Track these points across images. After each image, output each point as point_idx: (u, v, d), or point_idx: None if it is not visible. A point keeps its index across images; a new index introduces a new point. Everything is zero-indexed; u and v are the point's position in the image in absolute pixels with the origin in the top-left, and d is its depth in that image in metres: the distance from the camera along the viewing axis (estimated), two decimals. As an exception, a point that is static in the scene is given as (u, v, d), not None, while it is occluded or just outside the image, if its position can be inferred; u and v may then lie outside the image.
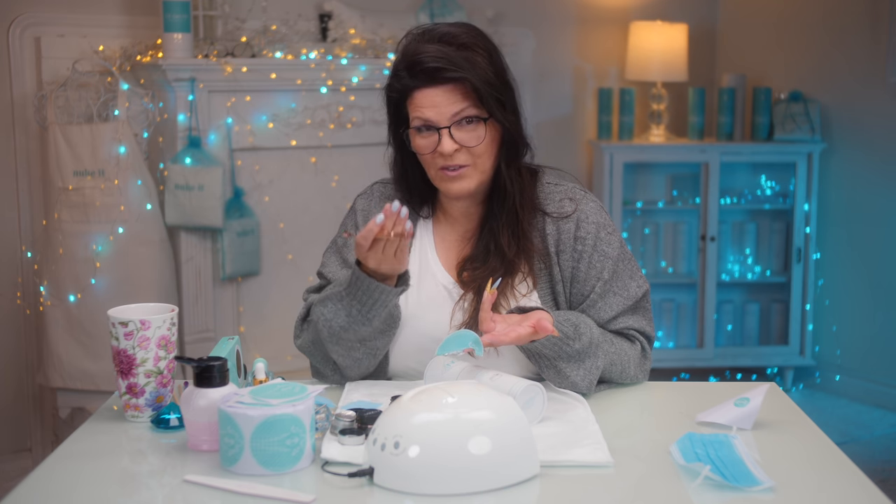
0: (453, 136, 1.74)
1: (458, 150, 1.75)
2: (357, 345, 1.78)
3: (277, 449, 1.40)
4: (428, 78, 1.74)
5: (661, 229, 4.46)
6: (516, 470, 1.38)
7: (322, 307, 1.78)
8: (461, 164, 1.76)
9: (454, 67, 1.73)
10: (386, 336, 1.79)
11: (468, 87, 1.74)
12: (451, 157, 1.75)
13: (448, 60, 1.73)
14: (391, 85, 1.80)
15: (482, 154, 1.77)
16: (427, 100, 1.74)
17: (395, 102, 1.81)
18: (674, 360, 4.38)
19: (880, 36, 4.09)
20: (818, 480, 1.42)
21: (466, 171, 1.77)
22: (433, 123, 1.75)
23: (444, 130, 1.74)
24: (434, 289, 1.84)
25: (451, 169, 1.76)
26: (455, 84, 1.74)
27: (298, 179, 3.68)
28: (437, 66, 1.72)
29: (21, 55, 3.42)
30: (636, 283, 1.84)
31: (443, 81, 1.73)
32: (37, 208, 3.49)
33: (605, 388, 1.82)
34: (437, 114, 1.74)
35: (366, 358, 1.80)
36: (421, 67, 1.73)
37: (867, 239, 4.22)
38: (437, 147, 1.75)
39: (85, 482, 1.42)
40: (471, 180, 1.78)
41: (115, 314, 1.63)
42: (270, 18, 3.71)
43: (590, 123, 4.54)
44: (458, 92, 1.74)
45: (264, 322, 3.66)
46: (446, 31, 1.77)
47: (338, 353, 1.80)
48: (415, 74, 1.74)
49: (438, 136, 1.75)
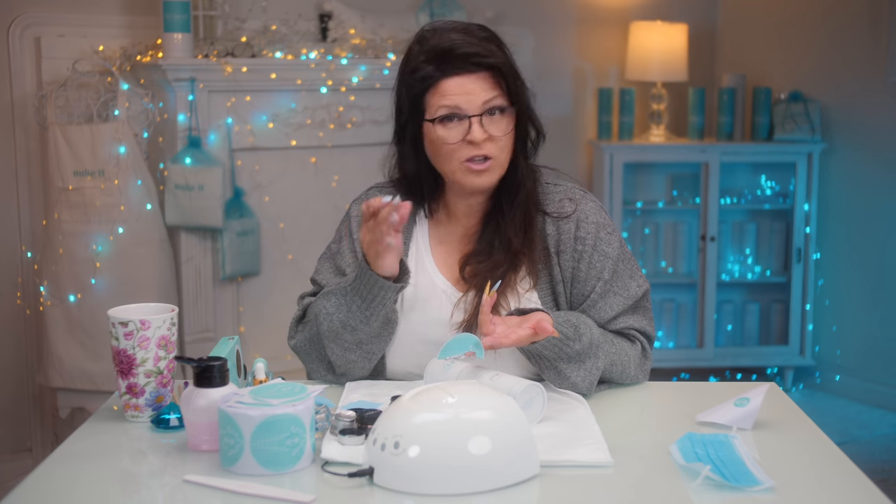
0: (483, 125, 1.74)
1: (487, 139, 1.75)
2: (353, 346, 1.78)
3: (277, 449, 1.40)
4: (459, 65, 1.73)
5: (661, 229, 4.46)
6: (516, 470, 1.38)
7: (325, 300, 1.78)
8: (487, 156, 1.75)
9: (488, 54, 1.73)
10: (382, 340, 1.79)
11: (497, 76, 1.74)
12: (480, 147, 1.74)
13: (482, 49, 1.73)
14: (413, 75, 1.76)
15: (505, 147, 1.77)
16: (457, 87, 1.73)
17: (414, 95, 1.77)
18: (674, 360, 4.38)
19: (880, 36, 4.09)
20: (818, 480, 1.42)
21: (491, 164, 1.76)
22: (462, 112, 1.73)
23: (474, 118, 1.73)
24: (430, 292, 1.84)
25: (476, 161, 1.75)
26: (486, 72, 1.73)
27: (298, 179, 3.68)
28: (472, 51, 1.72)
29: (21, 55, 3.42)
30: (636, 283, 1.84)
31: (474, 69, 1.73)
32: (37, 208, 3.49)
33: (606, 388, 1.82)
34: (467, 101, 1.73)
35: (360, 360, 1.80)
36: (454, 54, 1.72)
37: (867, 239, 4.22)
38: (467, 135, 1.73)
39: (85, 482, 1.42)
40: (494, 174, 1.78)
41: (115, 314, 1.63)
42: (270, 18, 3.71)
43: (590, 123, 4.54)
44: (489, 80, 1.74)
45: (264, 322, 3.67)
46: (464, 25, 1.77)
47: (333, 351, 1.79)
48: (444, 62, 1.73)
49: (469, 124, 1.74)
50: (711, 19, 4.70)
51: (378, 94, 3.70)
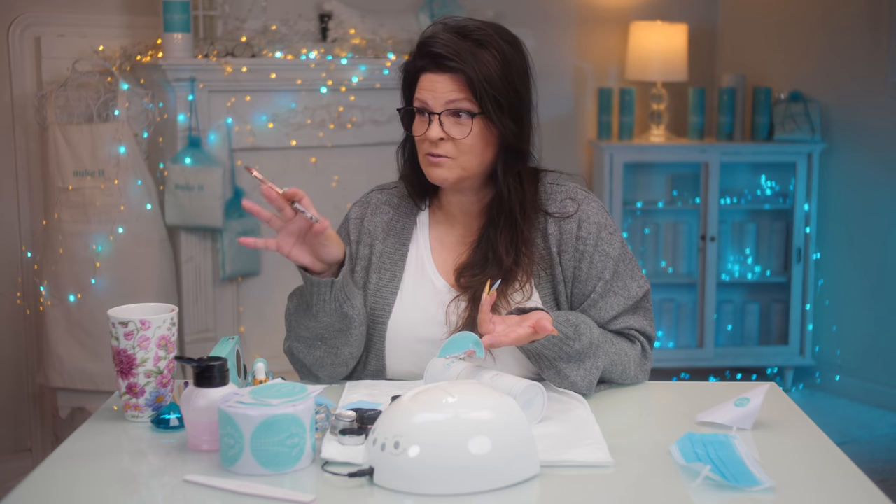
0: (442, 125, 1.76)
1: (445, 139, 1.76)
2: (316, 342, 1.81)
3: (277, 449, 1.40)
4: (432, 62, 1.76)
5: (661, 229, 4.46)
6: (516, 470, 1.38)
7: (290, 302, 1.85)
8: (444, 155, 1.77)
9: (455, 58, 1.74)
10: (345, 336, 1.80)
11: (467, 81, 1.75)
12: (436, 145, 1.77)
13: (453, 51, 1.75)
14: (406, 64, 1.83)
15: (468, 151, 1.78)
16: (428, 83, 1.77)
17: (407, 82, 1.83)
18: (674, 360, 4.38)
19: (880, 36, 4.09)
20: (818, 480, 1.42)
21: (448, 161, 1.78)
22: (428, 108, 1.77)
23: (434, 116, 1.77)
24: (430, 292, 1.84)
25: (433, 156, 1.78)
26: (455, 74, 1.75)
27: (298, 179, 3.67)
28: (440, 52, 1.75)
29: (21, 55, 3.42)
30: (637, 283, 1.84)
31: (444, 69, 1.76)
32: (37, 208, 3.49)
33: (606, 388, 1.82)
34: (433, 98, 1.76)
35: (327, 356, 1.81)
36: (428, 51, 1.77)
37: (867, 239, 4.22)
38: (426, 131, 1.77)
39: (85, 482, 1.42)
40: (450, 171, 1.79)
41: (115, 314, 1.63)
42: (270, 18, 3.71)
43: (590, 123, 4.54)
44: (457, 82, 1.75)
45: (264, 322, 3.66)
46: (467, 24, 1.79)
47: (299, 349, 1.83)
48: (423, 57, 1.78)
49: (429, 120, 1.77)
50: (711, 19, 4.70)
51: (378, 94, 3.70)
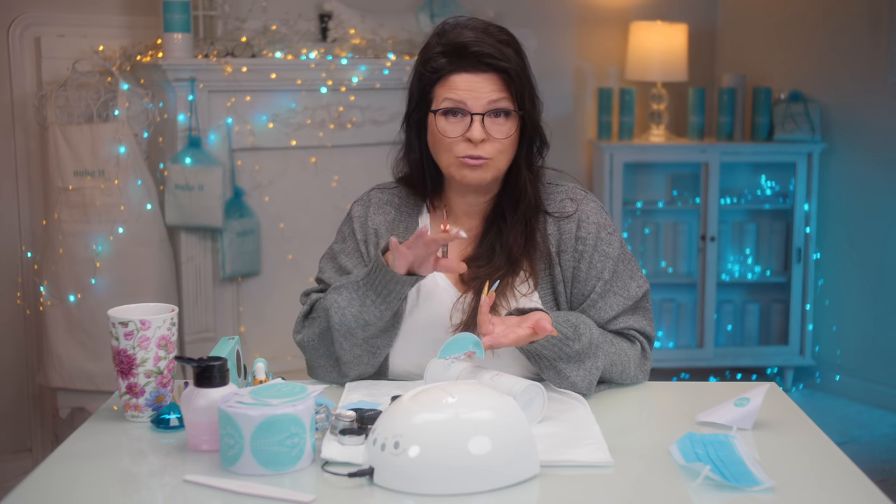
0: (484, 125, 1.75)
1: (486, 140, 1.75)
2: (361, 340, 1.78)
3: (277, 449, 1.40)
4: (471, 62, 1.74)
5: (661, 229, 4.46)
6: (516, 470, 1.38)
7: (336, 294, 1.78)
8: (484, 156, 1.76)
9: (502, 56, 1.74)
10: (388, 335, 1.80)
11: (507, 80, 1.75)
12: (477, 147, 1.75)
13: (494, 48, 1.74)
14: (426, 66, 1.79)
15: (505, 150, 1.78)
16: (466, 83, 1.75)
17: (424, 85, 1.79)
18: (674, 360, 4.37)
19: (880, 36, 4.09)
20: (818, 480, 1.42)
21: (486, 163, 1.77)
22: (467, 108, 1.75)
23: (477, 117, 1.74)
24: (432, 291, 1.84)
25: (473, 158, 1.76)
26: (497, 74, 1.75)
27: (298, 179, 3.68)
28: (485, 51, 1.74)
29: (21, 55, 3.42)
30: (636, 283, 1.84)
31: (485, 69, 1.74)
32: (37, 208, 3.49)
33: (605, 388, 1.82)
34: (473, 98, 1.74)
35: (366, 356, 1.80)
36: (468, 51, 1.74)
37: (867, 239, 4.22)
38: (467, 132, 1.74)
39: (85, 482, 1.42)
40: (487, 172, 1.78)
41: (115, 314, 1.63)
42: (270, 18, 3.71)
43: (590, 123, 4.54)
44: (498, 82, 1.75)
45: (264, 322, 3.67)
46: (479, 23, 1.79)
47: (342, 346, 1.79)
48: (457, 57, 1.75)
49: (470, 120, 1.75)
50: (711, 19, 4.69)
51: (378, 94, 3.70)
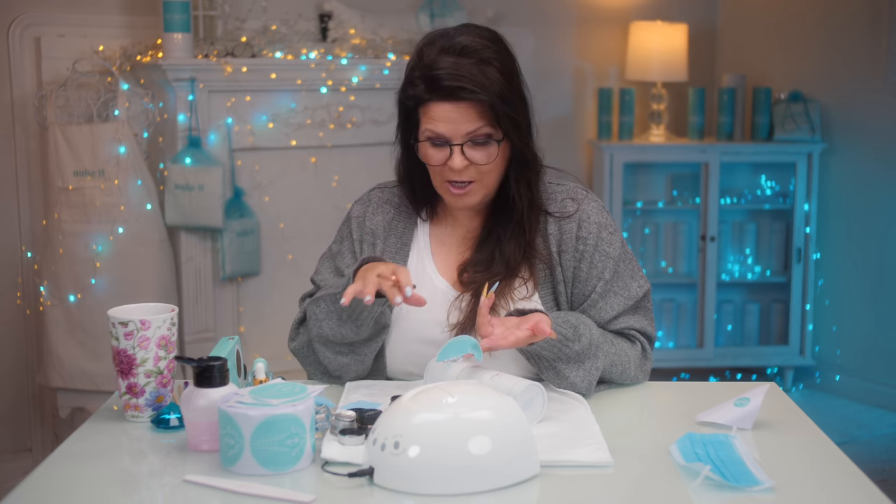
0: (465, 153, 1.73)
1: (468, 166, 1.74)
2: (345, 349, 1.78)
3: (277, 449, 1.40)
4: (445, 93, 1.70)
5: (661, 229, 4.46)
6: (516, 470, 1.38)
7: (315, 306, 1.78)
8: (468, 181, 1.75)
9: (473, 87, 1.69)
10: (374, 343, 1.79)
11: (485, 107, 1.70)
12: (460, 174, 1.74)
13: (468, 79, 1.68)
14: (405, 91, 1.76)
15: (490, 172, 1.76)
16: (442, 114, 1.71)
17: (407, 108, 1.77)
18: (674, 360, 4.37)
19: (880, 36, 4.09)
20: (818, 480, 1.42)
21: (473, 187, 1.76)
22: (446, 139, 1.72)
23: (455, 147, 1.72)
24: (431, 292, 1.83)
25: (456, 185, 1.75)
26: (472, 103, 1.70)
27: (298, 179, 3.68)
28: (456, 84, 1.68)
29: (21, 55, 3.42)
30: (637, 283, 1.84)
31: (459, 99, 1.70)
32: (37, 208, 3.49)
33: (606, 388, 1.82)
34: (450, 130, 1.71)
35: (353, 364, 1.80)
36: (439, 83, 1.69)
37: (867, 239, 4.22)
38: (448, 162, 1.73)
39: (85, 482, 1.42)
40: (475, 196, 1.78)
41: (115, 314, 1.63)
42: (270, 18, 3.71)
43: (590, 123, 4.54)
44: (474, 110, 1.70)
45: (264, 322, 3.67)
46: (467, 43, 1.72)
47: (325, 355, 1.80)
48: (432, 87, 1.70)
49: (450, 151, 1.73)
50: (711, 19, 4.69)
51: (378, 94, 3.70)
